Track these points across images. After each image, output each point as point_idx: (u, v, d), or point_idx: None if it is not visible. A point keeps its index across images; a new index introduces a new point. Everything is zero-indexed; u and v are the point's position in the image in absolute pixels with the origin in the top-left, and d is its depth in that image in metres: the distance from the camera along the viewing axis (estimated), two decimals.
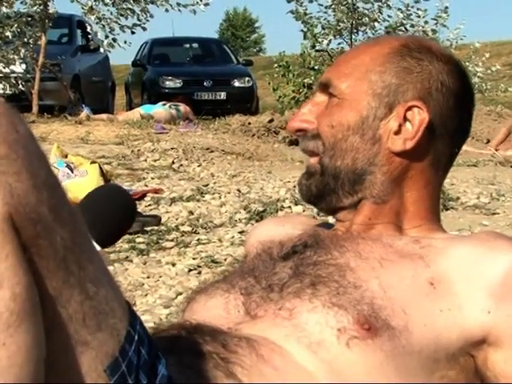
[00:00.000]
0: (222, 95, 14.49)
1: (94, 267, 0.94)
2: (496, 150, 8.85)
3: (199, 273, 3.64)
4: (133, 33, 11.77)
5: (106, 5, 11.56)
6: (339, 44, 15.14)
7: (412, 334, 1.14)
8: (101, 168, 5.21)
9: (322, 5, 14.82)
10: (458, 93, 1.31)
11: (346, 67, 1.31)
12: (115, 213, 1.40)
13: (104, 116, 11.03)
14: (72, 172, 5.11)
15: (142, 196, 5.30)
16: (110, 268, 3.70)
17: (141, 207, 4.98)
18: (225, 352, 1.10)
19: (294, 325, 1.14)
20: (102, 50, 12.18)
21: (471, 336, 1.16)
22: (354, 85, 1.29)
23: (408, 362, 1.14)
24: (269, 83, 14.35)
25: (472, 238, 1.27)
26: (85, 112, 10.77)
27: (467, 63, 17.77)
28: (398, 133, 1.28)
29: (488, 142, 10.13)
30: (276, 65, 14.14)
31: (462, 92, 1.32)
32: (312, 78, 13.70)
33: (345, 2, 14.73)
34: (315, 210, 1.37)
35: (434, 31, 15.59)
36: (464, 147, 1.45)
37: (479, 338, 1.17)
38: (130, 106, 15.56)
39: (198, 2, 11.88)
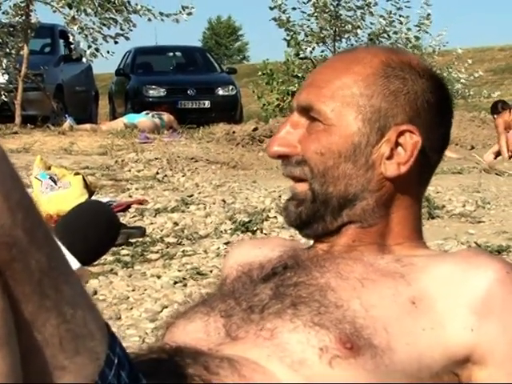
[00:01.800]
0: (206, 104, 14.51)
1: (70, 289, 0.93)
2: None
3: (185, 285, 3.62)
4: (116, 42, 11.75)
5: (88, 15, 11.52)
6: (322, 51, 15.22)
7: (395, 353, 1.13)
8: (84, 179, 5.16)
9: (304, 12, 14.90)
10: (442, 107, 1.30)
11: (327, 89, 1.27)
12: (98, 229, 1.38)
13: (87, 126, 11.00)
14: (55, 184, 5.07)
15: (127, 207, 5.27)
16: (95, 281, 3.68)
17: (125, 219, 4.95)
18: (207, 374, 1.09)
19: (276, 345, 1.13)
20: (84, 59, 12.14)
21: (455, 355, 1.15)
22: (341, 110, 1.26)
23: (391, 381, 1.12)
24: (253, 91, 14.37)
25: (453, 255, 1.26)
26: (68, 122, 10.74)
27: (450, 69, 17.88)
28: (390, 158, 1.26)
29: (472, 148, 10.16)
30: (260, 72, 14.16)
31: (445, 105, 1.31)
32: (296, 85, 13.73)
33: (327, 10, 14.80)
34: None
35: (416, 38, 15.69)
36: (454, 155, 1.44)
37: (463, 356, 1.15)
38: (114, 115, 15.54)
39: (180, 12, 11.87)
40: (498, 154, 9.19)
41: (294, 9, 14.88)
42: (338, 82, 1.27)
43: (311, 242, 1.37)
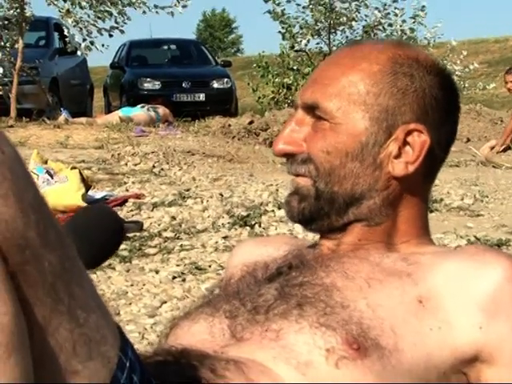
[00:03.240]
0: (201, 97, 14.51)
1: (83, 293, 0.92)
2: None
3: (183, 280, 3.61)
4: (110, 36, 11.70)
5: (82, 8, 11.47)
6: (318, 44, 15.20)
7: (402, 354, 1.12)
8: (81, 174, 5.15)
9: (299, 5, 14.87)
10: (449, 104, 1.29)
11: (333, 87, 1.25)
12: (104, 234, 1.38)
13: (83, 119, 10.97)
14: (52, 178, 5.05)
15: (124, 201, 5.25)
16: (93, 276, 3.66)
17: (122, 213, 4.93)
18: (213, 376, 1.08)
19: (282, 346, 1.12)
20: (79, 52, 12.10)
21: (463, 354, 1.14)
22: (348, 108, 1.24)
23: (398, 382, 1.12)
24: (248, 84, 14.35)
25: (460, 252, 1.25)
26: (63, 115, 10.71)
27: (445, 62, 17.87)
28: (398, 157, 1.24)
29: (468, 140, 10.16)
30: (255, 65, 14.14)
31: (452, 102, 1.30)
32: (291, 78, 13.71)
33: (322, 2, 14.78)
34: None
35: (411, 30, 15.67)
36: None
37: (471, 355, 1.15)
38: (109, 109, 15.53)
39: (175, 4, 11.83)
40: (493, 148, 9.20)
41: (288, 1, 14.85)
42: (344, 80, 1.25)
43: (316, 237, 1.36)
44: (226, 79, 14.96)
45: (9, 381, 0.82)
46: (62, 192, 4.81)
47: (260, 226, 4.52)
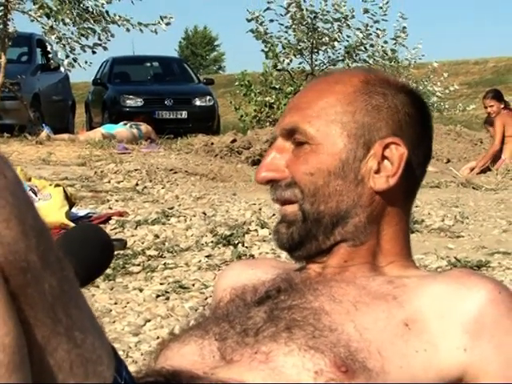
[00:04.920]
0: (184, 114, 14.52)
1: (81, 314, 0.94)
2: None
3: (167, 298, 3.61)
4: (94, 52, 11.70)
5: (66, 24, 11.47)
6: (300, 63, 15.27)
7: (388, 376, 1.14)
8: (65, 191, 5.15)
9: (282, 24, 14.94)
10: (422, 120, 1.33)
11: (311, 110, 1.29)
12: (93, 253, 1.39)
13: (65, 136, 10.95)
14: (36, 195, 5.05)
15: (107, 219, 5.25)
16: None
17: (106, 230, 4.92)
18: None
19: (271, 368, 1.14)
20: (62, 69, 12.09)
21: (448, 375, 1.17)
22: (326, 128, 1.28)
23: None
24: (230, 102, 14.39)
25: (445, 275, 1.27)
26: (45, 132, 10.69)
27: (426, 83, 17.99)
28: (378, 171, 1.28)
29: (448, 161, 10.22)
30: (237, 83, 14.18)
31: (425, 118, 1.34)
32: (273, 97, 13.76)
33: (305, 22, 14.86)
34: None
35: (393, 51, 15.78)
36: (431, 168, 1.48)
37: (456, 376, 1.17)
38: (90, 125, 15.51)
39: (159, 22, 11.85)
40: (472, 169, 9.26)
41: (271, 21, 14.94)
42: (320, 102, 1.30)
43: (303, 262, 1.38)
44: (208, 97, 15.00)
45: None
46: (46, 209, 4.80)
47: (243, 245, 4.54)
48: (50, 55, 12.41)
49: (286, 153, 1.31)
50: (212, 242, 4.63)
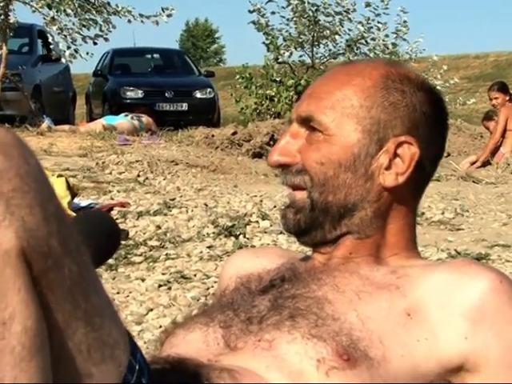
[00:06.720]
0: (184, 106, 14.51)
1: (98, 299, 0.96)
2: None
3: (169, 288, 3.63)
4: (95, 43, 11.70)
5: (68, 15, 11.47)
6: (301, 56, 15.26)
7: (390, 365, 1.16)
8: (67, 181, 5.17)
9: (283, 17, 14.93)
10: (438, 119, 1.34)
11: (328, 100, 1.30)
12: (99, 240, 1.41)
13: (66, 127, 10.95)
14: None
15: (109, 210, 5.26)
16: None
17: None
18: None
19: (274, 355, 1.16)
20: (63, 60, 12.08)
21: (449, 363, 1.18)
22: (341, 121, 1.29)
23: None
24: (231, 94, 14.38)
25: (447, 264, 1.29)
26: (46, 123, 10.68)
27: (426, 76, 17.95)
28: (388, 168, 1.29)
29: (448, 155, 10.23)
30: (238, 76, 14.17)
31: (441, 118, 1.35)
32: (274, 89, 13.75)
33: (306, 15, 14.83)
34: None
35: (394, 45, 15.76)
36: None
37: (457, 364, 1.19)
38: (91, 117, 15.48)
39: (160, 13, 11.85)
40: (473, 163, 9.26)
41: (273, 13, 14.92)
42: (338, 94, 1.30)
43: (305, 249, 1.40)
44: (208, 89, 14.98)
45: (30, 381, 0.86)
46: None
47: (245, 236, 4.56)
48: (51, 46, 12.41)
49: (300, 138, 1.32)
50: (213, 233, 4.65)
